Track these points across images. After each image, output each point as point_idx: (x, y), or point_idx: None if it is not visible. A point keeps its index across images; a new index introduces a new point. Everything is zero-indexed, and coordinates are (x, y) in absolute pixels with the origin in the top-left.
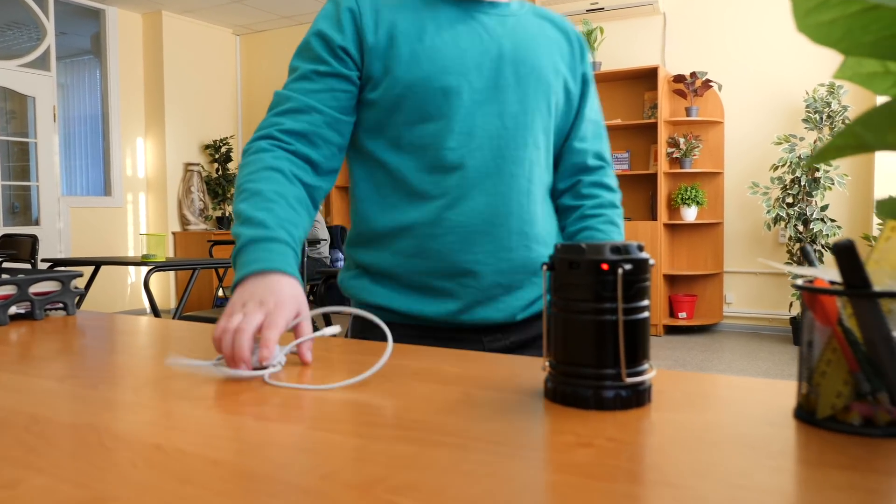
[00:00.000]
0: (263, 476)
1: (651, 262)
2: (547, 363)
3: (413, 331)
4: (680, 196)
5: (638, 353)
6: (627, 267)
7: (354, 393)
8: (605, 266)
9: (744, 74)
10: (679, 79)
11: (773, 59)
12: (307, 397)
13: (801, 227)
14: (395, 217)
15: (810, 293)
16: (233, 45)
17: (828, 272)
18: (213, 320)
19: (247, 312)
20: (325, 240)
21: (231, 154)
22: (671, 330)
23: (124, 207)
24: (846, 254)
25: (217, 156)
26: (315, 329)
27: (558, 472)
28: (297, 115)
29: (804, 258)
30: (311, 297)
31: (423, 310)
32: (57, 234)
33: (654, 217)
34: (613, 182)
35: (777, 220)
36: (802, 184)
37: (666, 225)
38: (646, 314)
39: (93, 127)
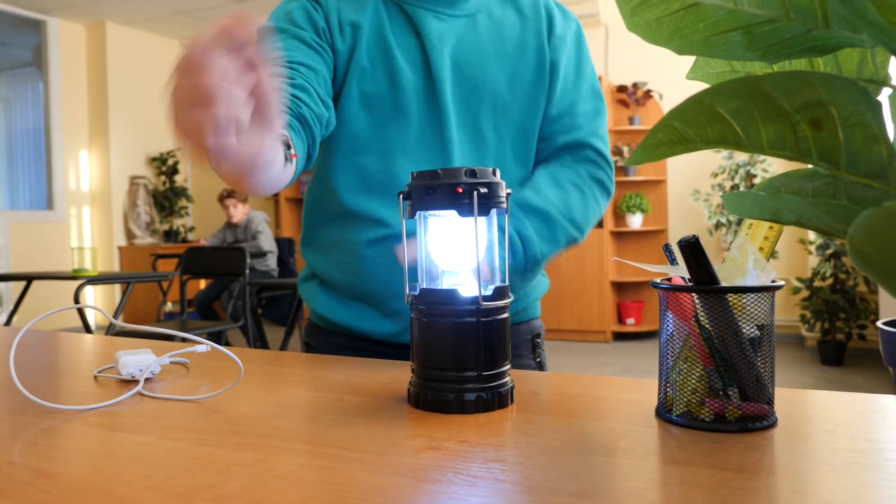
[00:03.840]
0: (88, 487)
1: (508, 190)
2: (411, 369)
3: (353, 341)
4: (625, 204)
5: (497, 355)
6: (483, 190)
7: (224, 402)
8: (460, 189)
9: (683, 84)
10: (622, 89)
11: None
12: (174, 408)
13: None
14: (331, 230)
15: (667, 291)
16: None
17: (685, 270)
18: (149, 335)
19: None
20: (272, 252)
21: (178, 167)
22: (620, 336)
23: (67, 222)
24: (691, 250)
25: (164, 168)
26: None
27: (394, 475)
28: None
29: (666, 257)
30: (261, 311)
31: (362, 326)
32: None
33: (600, 225)
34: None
35: (718, 226)
36: (741, 190)
37: (612, 232)
38: (505, 315)
39: (35, 140)
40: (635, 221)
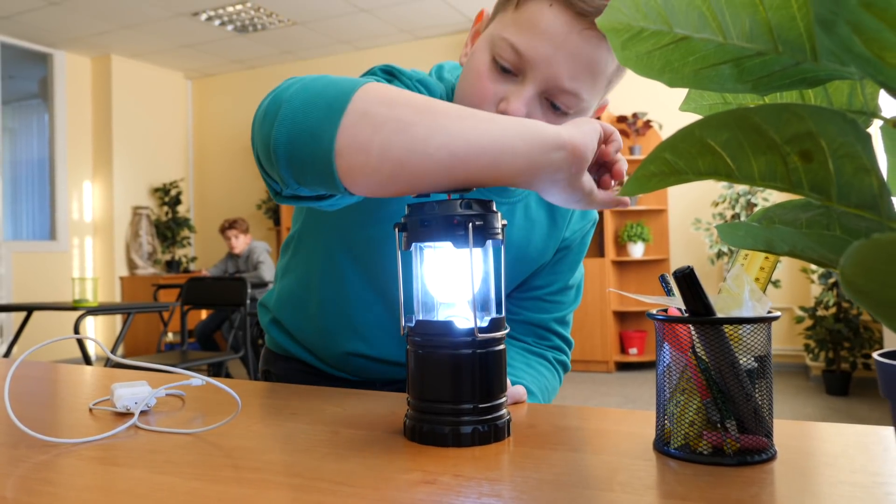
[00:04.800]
0: None
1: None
2: (407, 401)
3: (311, 367)
4: (626, 233)
5: (494, 387)
6: (478, 222)
7: (219, 435)
8: (455, 221)
9: (682, 115)
10: (622, 119)
11: None
12: (168, 441)
13: None
14: (293, 278)
15: (662, 323)
16: (184, 88)
17: (681, 301)
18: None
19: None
20: (273, 282)
21: (181, 197)
22: (622, 367)
23: (69, 252)
24: (686, 281)
25: (167, 199)
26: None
27: None
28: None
29: (663, 288)
30: (261, 341)
31: (319, 365)
32: None
33: (601, 254)
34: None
35: (720, 255)
36: (742, 219)
37: (614, 262)
38: (501, 346)
39: (39, 171)
40: (636, 250)
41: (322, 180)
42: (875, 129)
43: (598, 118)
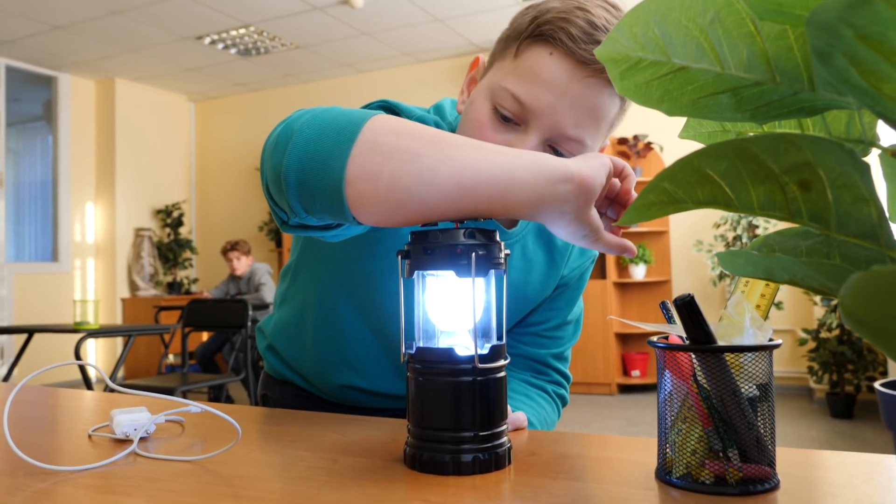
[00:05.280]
0: None
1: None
2: (407, 428)
3: (307, 393)
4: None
5: (494, 415)
6: (481, 252)
7: (218, 463)
8: (458, 250)
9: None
10: (622, 141)
11: None
12: (167, 469)
13: None
14: (290, 308)
15: (663, 350)
16: (187, 111)
17: (682, 329)
18: (149, 388)
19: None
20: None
21: (183, 218)
22: (625, 389)
23: (71, 273)
24: (686, 309)
25: (169, 220)
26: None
27: None
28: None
29: (663, 314)
30: (262, 364)
31: (316, 392)
32: (0, 302)
33: (603, 276)
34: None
35: (722, 276)
36: (744, 241)
37: (616, 283)
38: (501, 374)
39: (43, 192)
40: (638, 272)
41: (331, 209)
42: (873, 157)
43: None
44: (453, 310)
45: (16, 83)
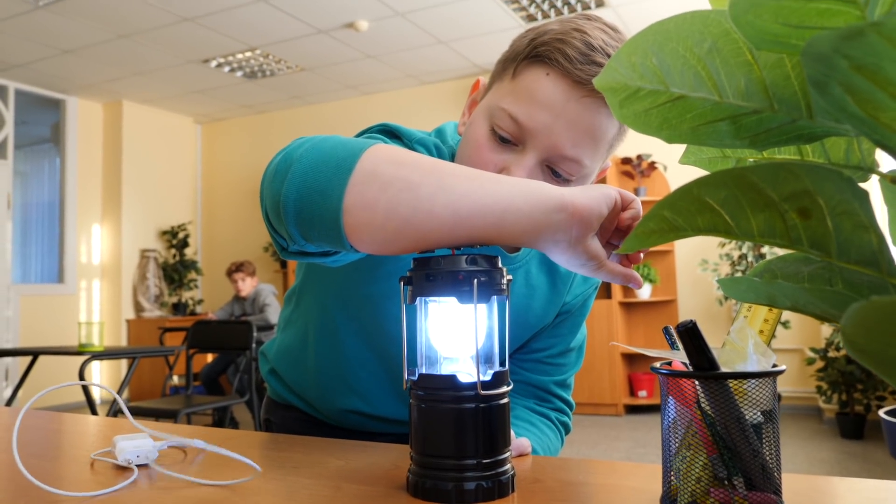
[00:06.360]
0: None
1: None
2: (410, 455)
3: (310, 418)
4: None
5: (498, 442)
6: (483, 278)
7: (219, 491)
8: (460, 276)
9: None
10: (626, 161)
11: None
12: (168, 497)
13: None
14: (293, 332)
15: (667, 377)
16: (194, 133)
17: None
18: (152, 411)
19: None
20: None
21: (188, 239)
22: (632, 409)
23: (76, 294)
24: (689, 335)
25: (174, 241)
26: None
27: None
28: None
29: (666, 340)
30: (265, 386)
31: (318, 416)
32: (5, 323)
33: (608, 296)
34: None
35: (728, 296)
36: (749, 260)
37: (621, 303)
38: (504, 400)
39: (49, 214)
40: (644, 292)
41: (329, 237)
42: (874, 183)
43: (604, 181)
44: (456, 336)
45: (24, 106)
